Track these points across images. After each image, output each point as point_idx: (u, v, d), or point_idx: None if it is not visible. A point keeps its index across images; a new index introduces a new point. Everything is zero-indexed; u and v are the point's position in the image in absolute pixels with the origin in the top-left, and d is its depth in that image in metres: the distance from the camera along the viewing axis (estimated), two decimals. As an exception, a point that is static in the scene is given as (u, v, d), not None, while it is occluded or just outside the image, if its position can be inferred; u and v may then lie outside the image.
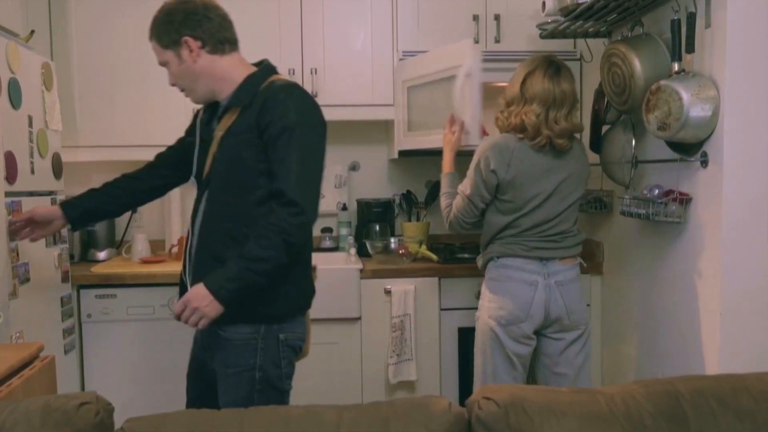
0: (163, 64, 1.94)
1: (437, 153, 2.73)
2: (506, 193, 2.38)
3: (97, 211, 2.19)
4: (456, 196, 2.50)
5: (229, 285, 1.74)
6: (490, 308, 2.39)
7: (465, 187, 2.46)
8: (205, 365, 1.98)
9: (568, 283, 2.40)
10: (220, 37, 1.93)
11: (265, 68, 2.01)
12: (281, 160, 1.78)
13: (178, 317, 1.78)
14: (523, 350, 2.39)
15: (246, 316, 1.85)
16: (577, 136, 2.47)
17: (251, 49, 3.14)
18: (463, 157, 2.64)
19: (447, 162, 2.64)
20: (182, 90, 1.98)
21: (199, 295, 1.74)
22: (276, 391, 1.89)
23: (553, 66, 2.38)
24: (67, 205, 2.15)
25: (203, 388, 1.99)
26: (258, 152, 1.81)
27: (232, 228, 1.83)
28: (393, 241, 3.26)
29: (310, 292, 2.00)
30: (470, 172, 2.44)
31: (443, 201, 2.57)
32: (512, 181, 2.36)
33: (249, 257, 1.74)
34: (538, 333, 2.42)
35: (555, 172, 2.39)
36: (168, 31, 1.87)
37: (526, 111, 2.35)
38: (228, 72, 1.94)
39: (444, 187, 2.60)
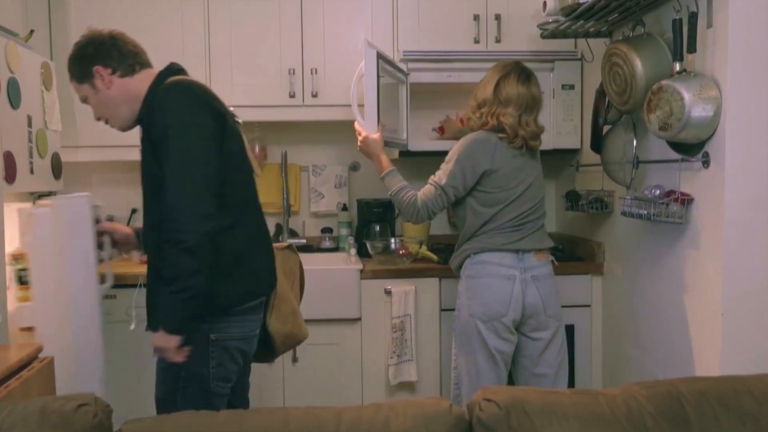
0: (84, 100, 2.00)
1: (438, 153, 2.72)
2: (490, 184, 2.43)
3: None
4: (423, 187, 2.51)
5: (168, 316, 1.77)
6: (470, 305, 2.41)
7: (439, 178, 2.48)
8: None
9: (543, 278, 2.45)
10: (130, 61, 1.97)
11: (162, 73, 1.99)
12: (164, 168, 1.76)
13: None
14: (506, 347, 2.42)
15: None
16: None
17: (251, 48, 3.16)
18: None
19: (384, 161, 2.63)
20: (107, 122, 2.02)
21: (158, 338, 1.78)
22: (203, 391, 1.88)
23: (524, 72, 2.49)
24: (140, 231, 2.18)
25: None
26: (157, 161, 1.79)
27: (159, 239, 1.78)
28: (393, 242, 3.25)
29: (244, 288, 1.92)
30: (448, 165, 2.46)
31: (402, 194, 2.52)
32: (497, 171, 2.42)
33: (166, 283, 1.74)
34: (518, 331, 2.45)
35: (527, 170, 2.49)
36: (81, 66, 1.95)
37: (502, 113, 2.43)
38: (140, 89, 1.95)
39: (394, 183, 2.57)
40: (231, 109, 1.99)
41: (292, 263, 2.22)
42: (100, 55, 1.93)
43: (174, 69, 2.00)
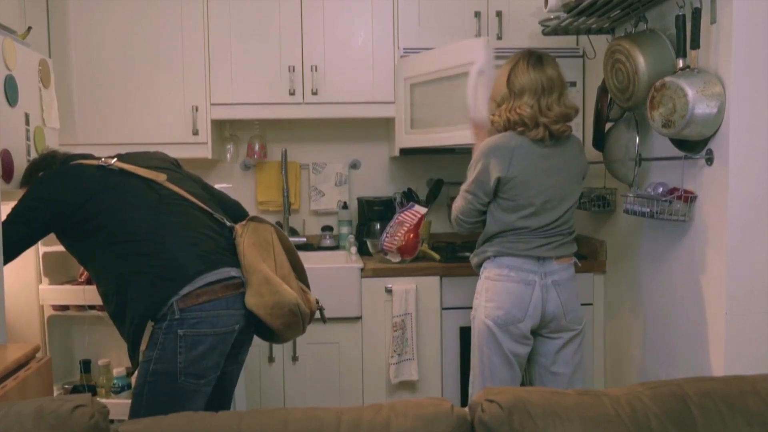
0: None
1: (440, 151, 2.71)
2: (508, 192, 2.35)
3: None
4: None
5: None
6: (487, 308, 2.36)
7: (467, 185, 2.43)
8: None
9: (565, 283, 2.39)
10: (65, 159, 2.21)
11: None
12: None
13: None
14: (521, 350, 2.38)
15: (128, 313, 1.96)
16: (572, 126, 2.42)
17: (251, 45, 3.15)
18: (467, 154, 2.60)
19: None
20: None
21: None
22: (170, 387, 1.90)
23: (534, 56, 2.39)
24: None
25: None
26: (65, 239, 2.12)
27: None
28: (394, 240, 3.23)
29: (162, 292, 1.92)
30: (470, 172, 2.41)
31: (456, 201, 2.51)
32: (514, 179, 2.33)
33: None
34: (535, 333, 2.40)
35: (556, 169, 2.37)
36: (30, 172, 2.23)
37: (518, 105, 2.34)
38: None
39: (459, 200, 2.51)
40: (104, 160, 2.10)
41: (263, 233, 2.12)
42: (46, 166, 2.20)
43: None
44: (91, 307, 2.59)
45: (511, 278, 2.35)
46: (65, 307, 2.61)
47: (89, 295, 2.53)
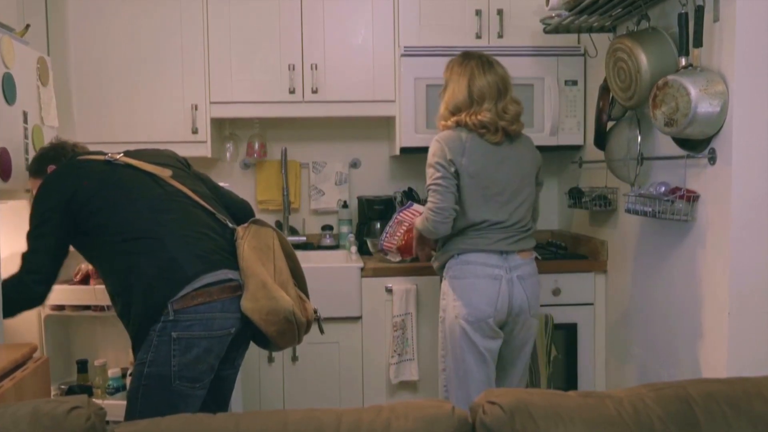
0: (34, 189, 2.19)
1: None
2: (468, 185, 2.37)
3: None
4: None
5: None
6: (456, 307, 2.37)
7: (430, 179, 2.39)
8: None
9: (529, 278, 2.42)
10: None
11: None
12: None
13: None
14: (494, 345, 2.40)
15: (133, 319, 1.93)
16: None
17: (250, 44, 3.13)
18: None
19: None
20: None
21: None
22: (164, 390, 1.87)
23: (483, 59, 2.45)
24: None
25: None
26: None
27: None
28: (394, 239, 3.22)
29: (161, 293, 1.89)
30: (431, 168, 2.39)
31: (420, 221, 2.45)
32: (468, 172, 2.35)
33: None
34: (503, 329, 2.42)
35: (509, 163, 2.41)
36: (38, 163, 2.22)
37: (478, 112, 2.37)
38: None
39: (417, 223, 2.49)
40: (110, 155, 2.10)
41: (264, 237, 2.09)
42: (57, 157, 2.20)
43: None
44: (87, 308, 2.56)
45: (476, 274, 2.36)
46: (61, 307, 2.59)
47: (85, 295, 2.51)
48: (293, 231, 3.48)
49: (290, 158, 3.49)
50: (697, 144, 2.23)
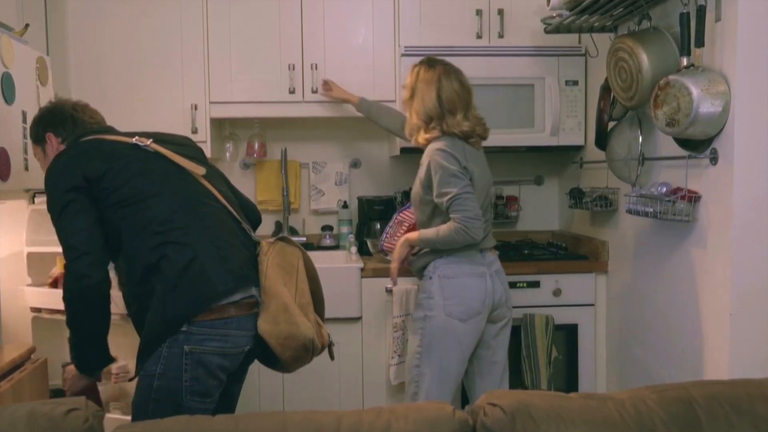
0: (37, 157, 2.15)
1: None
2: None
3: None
4: (450, 218, 2.35)
5: (73, 355, 1.91)
6: (446, 306, 2.36)
7: (451, 193, 2.29)
8: None
9: (502, 272, 2.48)
10: (80, 132, 2.04)
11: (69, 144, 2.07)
12: None
13: None
14: (475, 341, 2.43)
15: (149, 342, 1.85)
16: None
17: (250, 44, 3.12)
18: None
19: (412, 236, 2.48)
20: None
21: (69, 371, 1.95)
22: (174, 405, 1.78)
23: (449, 67, 2.44)
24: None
25: None
26: None
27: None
28: (394, 240, 3.21)
29: (193, 297, 1.81)
30: (444, 178, 2.31)
31: (442, 233, 2.34)
32: (474, 172, 2.37)
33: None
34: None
35: (484, 166, 2.48)
36: (36, 129, 2.10)
37: (455, 123, 2.37)
38: None
39: (432, 233, 2.38)
40: (137, 139, 1.99)
41: (290, 256, 2.01)
42: (53, 123, 2.07)
43: (80, 132, 2.05)
44: (60, 311, 2.50)
45: (467, 272, 2.38)
46: (38, 310, 2.52)
47: (53, 298, 2.41)
48: (293, 231, 3.47)
49: (290, 158, 3.48)
50: (699, 144, 2.22)
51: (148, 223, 1.85)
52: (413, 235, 2.46)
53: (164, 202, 1.88)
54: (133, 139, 1.97)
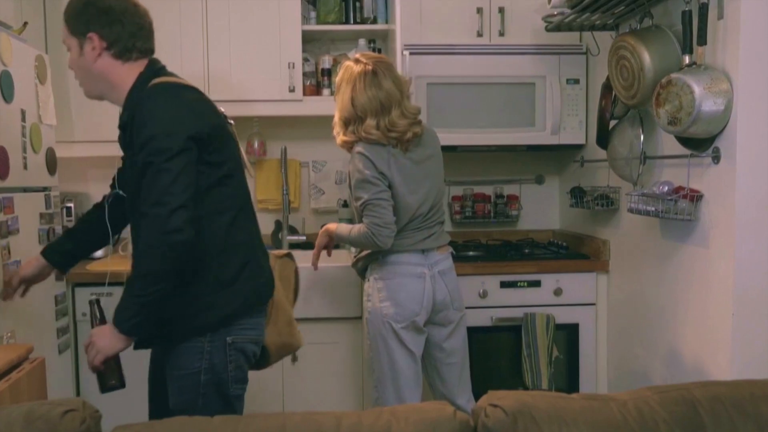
0: (67, 46, 1.87)
1: (446, 149, 2.66)
2: (393, 191, 2.33)
3: (77, 251, 2.15)
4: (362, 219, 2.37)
5: (124, 314, 1.71)
6: (383, 308, 2.36)
7: (362, 196, 2.32)
8: (162, 368, 1.93)
9: (449, 272, 2.44)
10: (129, 44, 1.85)
11: (144, 74, 1.87)
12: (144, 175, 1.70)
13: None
14: (421, 341, 2.42)
15: (186, 333, 1.81)
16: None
17: (250, 43, 3.11)
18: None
19: (331, 227, 2.53)
20: (77, 78, 1.91)
21: (100, 332, 1.76)
22: (222, 396, 1.85)
23: (368, 72, 2.31)
24: (49, 253, 2.10)
25: (162, 391, 1.92)
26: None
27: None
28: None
29: (253, 291, 1.89)
30: (358, 183, 2.33)
31: (354, 232, 2.37)
32: (394, 178, 2.32)
33: (130, 282, 1.71)
34: (425, 325, 2.42)
35: (423, 170, 2.38)
36: (79, 19, 1.81)
37: (364, 128, 2.32)
38: (124, 81, 1.85)
39: (345, 230, 2.43)
40: (222, 110, 1.96)
41: (288, 270, 2.18)
42: (102, 21, 1.79)
43: (155, 68, 1.91)
44: None
45: (401, 274, 2.36)
46: None
47: None
48: (293, 230, 3.46)
49: (290, 157, 3.47)
50: (701, 143, 2.21)
51: (229, 205, 1.84)
52: (333, 226, 2.52)
53: (242, 189, 1.92)
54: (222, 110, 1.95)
